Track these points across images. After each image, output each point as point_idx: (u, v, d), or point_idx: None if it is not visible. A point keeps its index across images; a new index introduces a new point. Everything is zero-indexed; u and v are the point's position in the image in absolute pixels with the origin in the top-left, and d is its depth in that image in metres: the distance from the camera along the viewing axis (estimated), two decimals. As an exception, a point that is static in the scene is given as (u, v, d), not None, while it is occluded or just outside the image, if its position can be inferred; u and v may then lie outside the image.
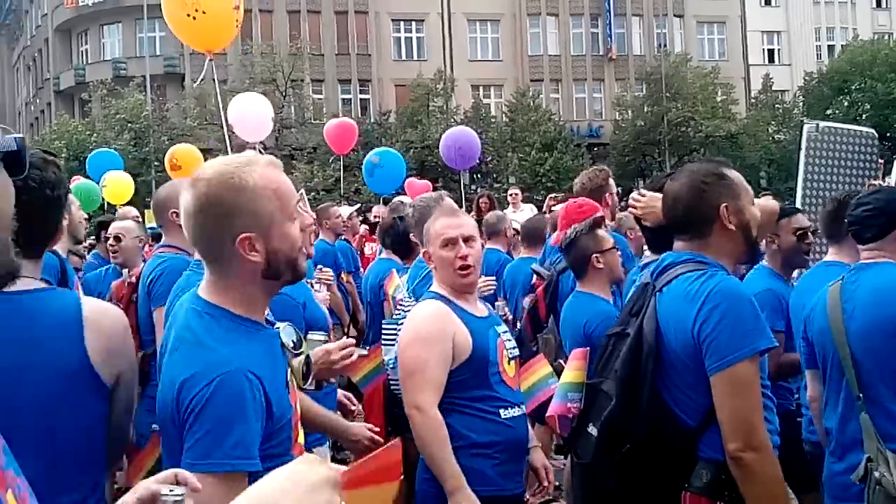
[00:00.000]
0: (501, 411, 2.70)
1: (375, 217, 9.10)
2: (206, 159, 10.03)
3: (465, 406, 2.65)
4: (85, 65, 37.12)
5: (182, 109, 30.56)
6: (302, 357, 1.93)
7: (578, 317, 3.65)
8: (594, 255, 3.66)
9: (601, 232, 3.78)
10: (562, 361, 3.48)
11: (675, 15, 38.59)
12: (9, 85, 51.03)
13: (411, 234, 4.32)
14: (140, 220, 6.96)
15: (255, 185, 1.73)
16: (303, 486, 0.98)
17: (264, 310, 1.87)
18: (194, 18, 5.22)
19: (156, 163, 26.21)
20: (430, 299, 2.80)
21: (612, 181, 4.85)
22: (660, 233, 2.70)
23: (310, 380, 2.01)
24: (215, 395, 1.60)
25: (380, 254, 5.69)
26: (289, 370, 1.85)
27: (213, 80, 6.28)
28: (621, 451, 2.35)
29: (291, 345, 1.90)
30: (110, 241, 4.89)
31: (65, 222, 2.24)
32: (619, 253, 3.81)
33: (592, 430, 2.52)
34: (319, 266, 5.08)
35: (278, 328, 1.89)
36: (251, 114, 7.42)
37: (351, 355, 2.33)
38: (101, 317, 1.89)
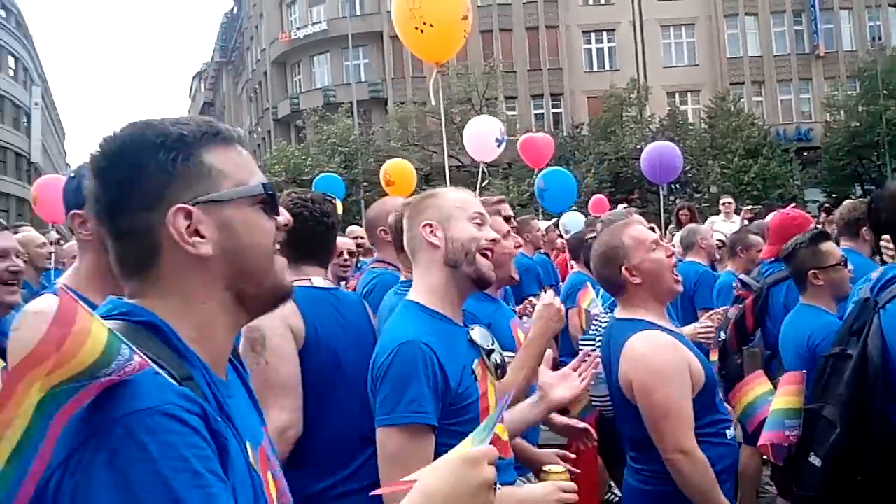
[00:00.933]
0: (727, 431, 2.57)
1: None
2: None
3: (703, 435, 2.45)
4: (299, 94, 40.26)
5: (386, 132, 32.32)
6: (496, 355, 2.12)
7: (801, 330, 3.41)
8: (812, 270, 3.41)
9: (826, 246, 3.48)
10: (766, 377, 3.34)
11: (889, 5, 35.47)
12: (235, 115, 56.43)
13: None
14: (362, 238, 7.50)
15: (444, 193, 2.17)
16: (465, 489, 1.08)
17: (455, 307, 2.11)
18: (422, 31, 5.44)
19: (364, 183, 27.92)
20: (647, 330, 2.55)
21: None
22: None
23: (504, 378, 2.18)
24: (394, 362, 1.90)
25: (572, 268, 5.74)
26: (477, 363, 2.05)
27: (439, 90, 6.60)
28: (851, 484, 2.24)
29: (485, 344, 2.10)
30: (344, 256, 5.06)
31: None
32: (849, 269, 3.49)
33: (815, 459, 2.41)
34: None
35: (471, 328, 2.12)
36: (483, 136, 7.78)
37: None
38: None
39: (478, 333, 2.10)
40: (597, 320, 3.61)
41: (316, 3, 39.76)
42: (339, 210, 10.96)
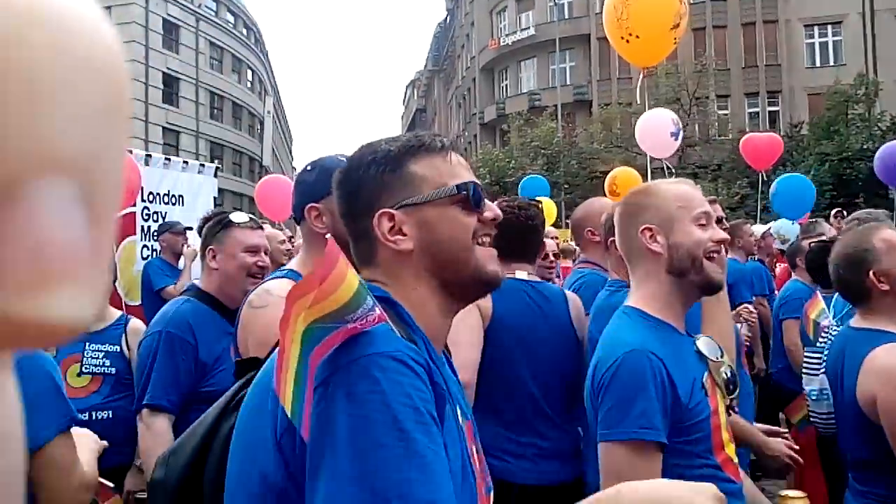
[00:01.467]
0: None
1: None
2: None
3: None
4: (505, 99, 41.16)
5: (589, 134, 32.24)
6: (725, 368, 1.92)
7: None
8: None
9: None
10: None
11: None
12: (444, 120, 58.69)
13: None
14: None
15: (663, 190, 1.99)
16: None
17: (679, 315, 1.95)
18: (628, 41, 5.57)
19: (565, 185, 28.08)
20: (894, 342, 2.35)
21: None
22: None
23: (735, 393, 1.94)
24: (619, 372, 1.78)
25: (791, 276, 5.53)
26: (707, 375, 1.88)
27: (645, 91, 6.60)
28: None
29: (713, 355, 1.92)
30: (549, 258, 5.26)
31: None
32: None
33: None
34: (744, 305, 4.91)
35: (697, 338, 1.96)
36: (656, 130, 7.52)
37: None
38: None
39: (704, 344, 1.94)
40: (826, 332, 3.47)
41: (525, 9, 40.50)
42: (553, 211, 11.12)
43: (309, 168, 2.13)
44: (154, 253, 6.49)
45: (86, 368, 3.28)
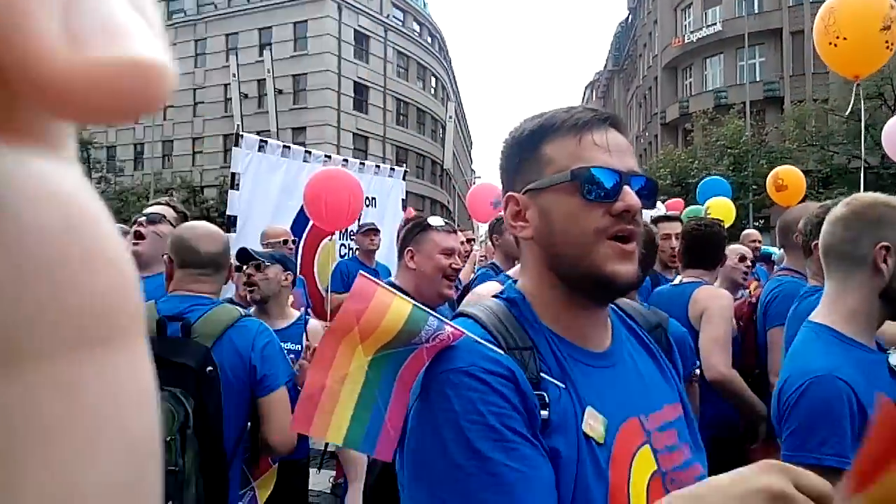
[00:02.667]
0: None
1: None
2: (806, 182, 10.08)
3: None
4: (688, 97, 39.86)
5: (780, 132, 30.59)
6: None
7: None
8: None
9: None
10: None
11: None
12: (624, 120, 57.64)
13: None
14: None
15: None
16: (736, 490, 0.87)
17: (872, 332, 1.83)
18: (835, 46, 5.43)
19: (754, 186, 26.84)
20: None
21: None
22: None
23: None
24: (802, 398, 1.71)
25: None
26: None
27: (861, 103, 6.24)
28: None
29: None
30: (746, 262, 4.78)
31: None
32: None
33: None
34: None
35: (890, 352, 1.84)
36: None
37: None
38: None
39: None
40: None
41: (711, 4, 39.08)
42: (731, 213, 10.60)
43: None
44: (351, 251, 7.04)
45: None
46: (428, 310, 1.10)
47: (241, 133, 6.42)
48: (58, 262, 0.23)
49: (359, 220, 7.23)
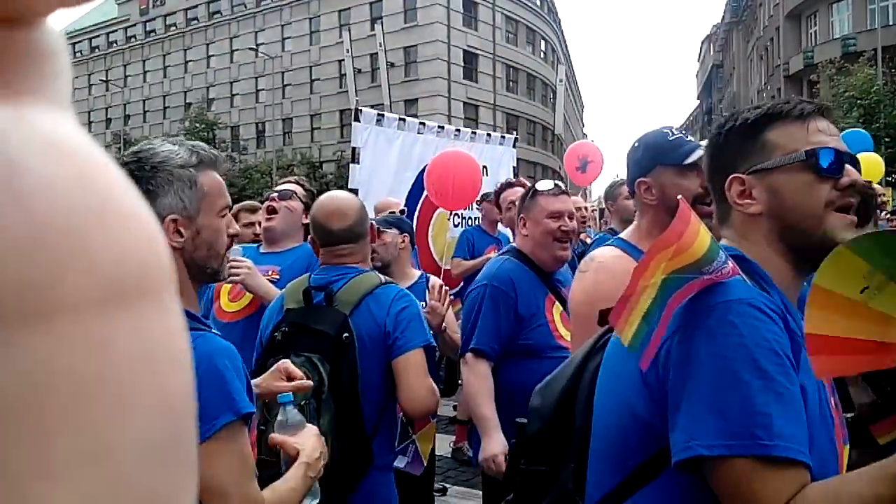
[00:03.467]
0: None
1: None
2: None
3: None
4: (813, 47, 37.65)
5: (916, 79, 28.61)
6: None
7: None
8: None
9: None
10: None
11: None
12: (743, 75, 55.20)
13: None
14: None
15: None
16: None
17: None
18: None
19: (886, 139, 25.36)
20: None
21: None
22: None
23: None
24: None
25: None
26: None
27: None
28: None
29: None
30: None
31: None
32: None
33: None
34: None
35: None
36: None
37: None
38: None
39: None
40: None
41: (837, -56, 36.68)
42: (880, 168, 10.18)
43: (636, 145, 2.22)
44: (465, 221, 7.15)
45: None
46: (720, 244, 1.22)
47: (359, 108, 6.68)
48: (77, 215, 0.23)
49: None
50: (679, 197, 1.30)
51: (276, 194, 3.58)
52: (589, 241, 6.59)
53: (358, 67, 39.42)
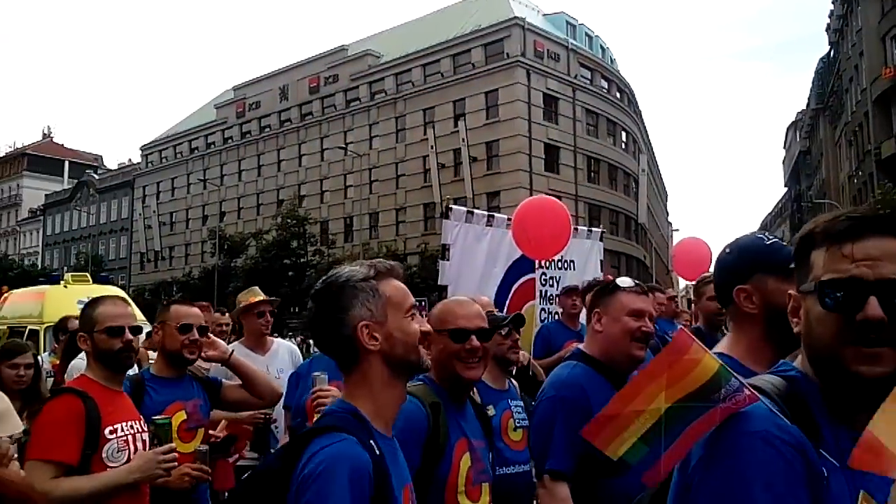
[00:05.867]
0: None
1: None
2: None
3: None
4: (906, 130, 36.82)
5: None
6: None
7: None
8: None
9: None
10: None
11: None
12: (832, 161, 53.90)
13: None
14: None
15: None
16: None
17: None
18: None
19: None
20: None
21: None
22: None
23: None
24: None
25: None
26: None
27: None
28: None
29: None
30: None
31: None
32: None
33: None
34: None
35: None
36: None
37: None
38: None
39: None
40: None
41: (924, 28, 36.10)
42: None
43: (728, 251, 2.10)
44: (551, 316, 7.05)
45: (517, 423, 3.41)
46: (732, 371, 1.22)
47: (450, 206, 6.74)
48: None
49: (556, 283, 7.42)
50: (680, 328, 1.36)
51: None
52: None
53: (442, 163, 40.49)
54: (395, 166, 47.19)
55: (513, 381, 3.71)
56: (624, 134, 50.65)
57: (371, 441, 1.62)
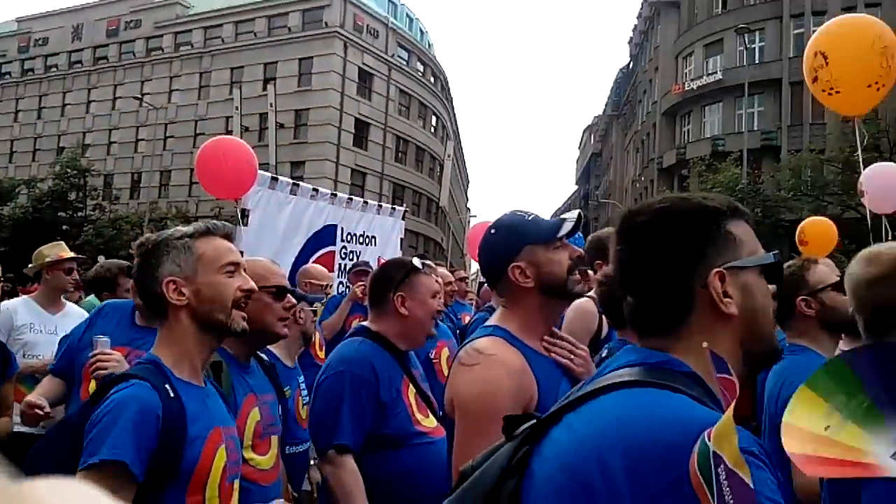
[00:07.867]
0: None
1: None
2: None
3: None
4: (686, 143, 40.26)
5: (776, 181, 30.85)
6: None
7: None
8: None
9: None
10: None
11: None
12: (620, 165, 58.14)
13: None
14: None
15: None
16: None
17: None
18: (830, 94, 5.53)
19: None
20: None
21: None
22: None
23: None
24: None
25: None
26: None
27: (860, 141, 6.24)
28: None
29: None
30: None
31: None
32: None
33: None
34: None
35: None
36: (888, 183, 6.55)
37: None
38: None
39: None
40: None
41: (713, 53, 39.64)
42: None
43: (493, 230, 2.12)
44: (348, 289, 6.93)
45: (304, 401, 3.45)
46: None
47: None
48: None
49: (356, 257, 7.22)
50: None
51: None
52: (467, 319, 6.45)
53: (246, 126, 38.71)
54: (194, 124, 44.55)
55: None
56: (434, 118, 51.32)
57: (167, 385, 1.79)
